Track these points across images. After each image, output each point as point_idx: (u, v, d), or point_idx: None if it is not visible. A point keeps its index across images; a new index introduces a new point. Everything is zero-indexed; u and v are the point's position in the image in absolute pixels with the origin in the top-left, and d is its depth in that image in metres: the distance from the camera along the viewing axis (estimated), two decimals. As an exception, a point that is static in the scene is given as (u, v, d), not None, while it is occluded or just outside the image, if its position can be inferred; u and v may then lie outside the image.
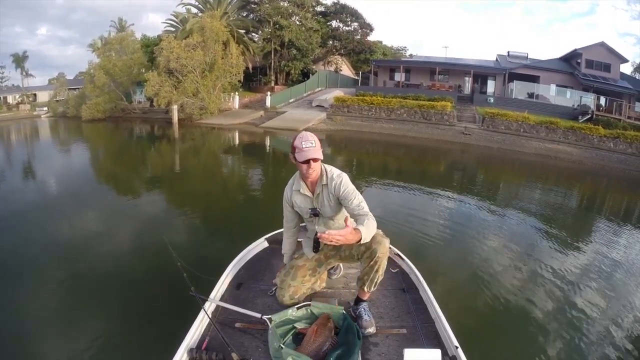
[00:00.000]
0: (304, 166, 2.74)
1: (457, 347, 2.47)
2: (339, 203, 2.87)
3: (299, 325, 2.67)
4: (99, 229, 7.31)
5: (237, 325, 2.79)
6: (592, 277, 5.79)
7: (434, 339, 2.69)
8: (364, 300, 2.97)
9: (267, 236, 4.15)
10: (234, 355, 2.35)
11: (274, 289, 3.23)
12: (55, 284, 4.97)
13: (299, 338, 2.58)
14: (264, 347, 2.54)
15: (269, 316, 2.64)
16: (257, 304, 3.09)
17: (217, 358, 2.39)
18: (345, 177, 2.86)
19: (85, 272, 5.26)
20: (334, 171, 2.90)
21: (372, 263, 2.73)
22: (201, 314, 2.72)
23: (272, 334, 2.51)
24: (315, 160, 2.72)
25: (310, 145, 2.69)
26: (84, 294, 4.75)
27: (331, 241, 2.27)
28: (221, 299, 3.10)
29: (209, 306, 2.88)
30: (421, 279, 3.34)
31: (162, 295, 4.45)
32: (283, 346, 2.38)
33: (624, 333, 4.27)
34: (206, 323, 2.75)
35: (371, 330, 2.77)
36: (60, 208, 8.59)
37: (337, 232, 2.27)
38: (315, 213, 2.97)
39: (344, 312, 2.72)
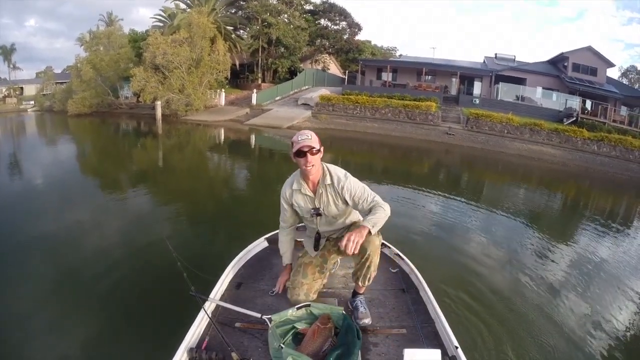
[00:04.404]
0: (302, 160, 2.70)
1: (457, 347, 2.47)
2: (346, 203, 2.85)
3: (299, 326, 2.66)
4: (99, 230, 7.23)
5: (237, 325, 2.79)
6: (590, 277, 5.92)
7: (433, 339, 2.68)
8: (360, 294, 3.03)
9: (267, 236, 4.14)
10: (233, 355, 2.33)
11: (274, 289, 3.25)
12: (54, 285, 4.91)
13: (298, 338, 2.57)
14: (264, 347, 2.54)
15: (269, 316, 2.63)
16: (257, 303, 3.08)
17: (217, 358, 2.38)
18: (350, 178, 2.84)
19: (85, 272, 5.19)
20: (338, 171, 2.87)
21: (363, 260, 2.76)
22: (201, 313, 2.72)
23: (272, 334, 2.51)
24: (311, 151, 2.67)
25: (306, 137, 2.68)
26: (84, 294, 4.70)
27: (356, 248, 2.45)
28: (221, 299, 3.08)
29: (209, 306, 2.87)
30: (421, 279, 3.34)
31: (162, 295, 4.44)
32: (283, 346, 2.38)
33: (623, 330, 4.38)
34: (206, 323, 2.74)
35: (367, 321, 2.81)
36: (56, 210, 8.31)
37: (354, 238, 2.46)
38: (317, 213, 2.91)
39: (344, 312, 2.70)
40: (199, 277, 3.05)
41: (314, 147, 2.68)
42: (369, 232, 2.56)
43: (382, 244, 3.30)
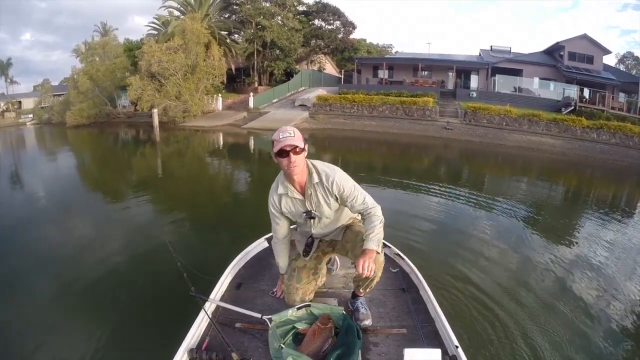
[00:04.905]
0: (284, 161, 2.46)
1: (457, 347, 2.46)
2: (337, 201, 2.69)
3: (299, 326, 2.66)
4: (99, 232, 7.27)
5: (237, 325, 2.79)
6: (591, 271, 5.78)
7: (434, 339, 2.68)
8: (360, 296, 2.98)
9: (267, 236, 4.12)
10: (234, 355, 2.34)
11: (274, 291, 3.25)
12: (54, 287, 4.94)
13: (299, 338, 2.57)
14: (264, 347, 2.54)
15: (269, 316, 2.63)
16: (257, 304, 3.09)
17: (217, 358, 2.39)
18: (339, 172, 2.65)
19: (85, 274, 5.22)
20: (324, 167, 2.65)
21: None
22: (201, 314, 2.72)
23: (272, 334, 2.51)
24: (294, 150, 2.43)
25: (288, 135, 2.43)
26: (84, 295, 4.72)
27: (371, 272, 2.42)
28: (221, 299, 3.09)
29: (209, 306, 2.87)
30: (421, 278, 3.33)
31: (162, 296, 4.47)
32: (283, 346, 2.38)
33: (624, 328, 4.30)
34: (206, 323, 2.74)
35: (367, 322, 2.79)
36: (58, 216, 8.40)
37: (368, 264, 2.40)
38: (310, 216, 2.72)
39: (344, 312, 2.71)
40: (199, 277, 3.07)
41: (297, 146, 2.43)
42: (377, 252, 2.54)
43: (382, 244, 3.28)
